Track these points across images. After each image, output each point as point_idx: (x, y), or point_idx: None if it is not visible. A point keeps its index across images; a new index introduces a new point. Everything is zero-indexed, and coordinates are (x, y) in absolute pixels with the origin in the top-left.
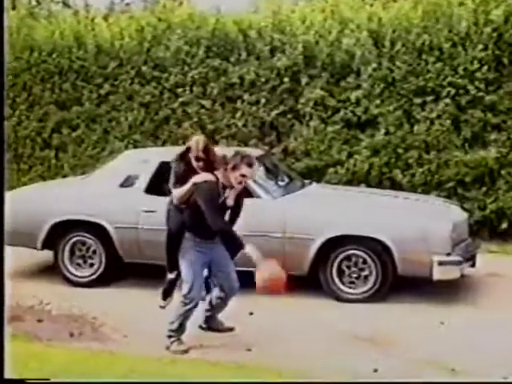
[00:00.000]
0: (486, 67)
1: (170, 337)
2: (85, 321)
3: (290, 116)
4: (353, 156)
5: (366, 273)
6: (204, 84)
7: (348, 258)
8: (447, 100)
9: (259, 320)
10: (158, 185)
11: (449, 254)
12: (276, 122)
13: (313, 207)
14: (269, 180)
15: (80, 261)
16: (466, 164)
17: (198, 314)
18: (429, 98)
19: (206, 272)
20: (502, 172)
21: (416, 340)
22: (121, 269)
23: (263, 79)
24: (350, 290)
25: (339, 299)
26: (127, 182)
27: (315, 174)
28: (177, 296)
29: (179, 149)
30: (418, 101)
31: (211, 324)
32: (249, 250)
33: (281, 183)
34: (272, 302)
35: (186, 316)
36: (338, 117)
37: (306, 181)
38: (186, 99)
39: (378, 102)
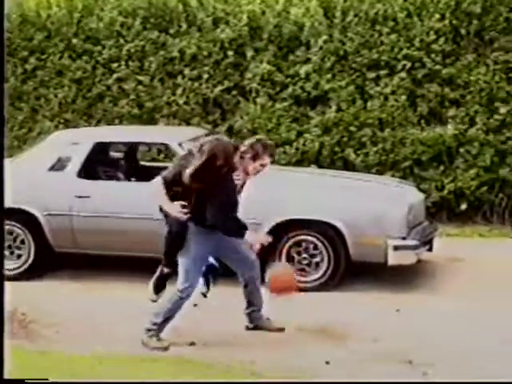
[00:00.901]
0: (442, 39)
1: (150, 330)
2: (13, 317)
3: (234, 92)
4: (302, 135)
5: (317, 259)
6: (141, 58)
7: (298, 243)
8: (402, 74)
9: (202, 312)
10: (91, 168)
11: (404, 238)
12: (220, 98)
13: (259, 190)
14: None
15: (6, 252)
16: (422, 142)
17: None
18: (383, 72)
19: (211, 260)
20: (461, 150)
21: (371, 329)
22: (53, 260)
23: (205, 53)
24: (301, 278)
25: None
26: (58, 166)
27: None
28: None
29: (116, 129)
30: (371, 75)
31: (258, 323)
32: (250, 237)
33: None
34: (214, 292)
35: (176, 310)
36: (286, 93)
37: None
38: (122, 75)
39: (328, 76)
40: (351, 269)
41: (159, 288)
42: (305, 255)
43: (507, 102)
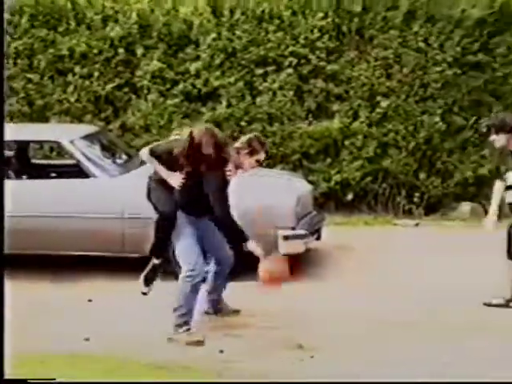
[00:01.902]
0: (326, 36)
1: (179, 326)
2: None
3: (126, 89)
4: None
5: None
6: (30, 56)
7: None
8: (289, 70)
9: (99, 306)
10: None
11: (293, 228)
12: (112, 96)
13: None
14: (105, 158)
15: None
16: (310, 135)
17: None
18: (270, 69)
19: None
20: (346, 143)
21: (263, 317)
22: None
23: (96, 50)
24: None
25: None
26: None
27: None
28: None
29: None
30: (259, 71)
31: (217, 308)
32: (251, 246)
33: (118, 161)
34: (112, 286)
35: (194, 294)
36: (177, 90)
37: None
38: (11, 72)
39: (218, 73)
40: (244, 259)
41: (150, 280)
42: None
43: (388, 97)
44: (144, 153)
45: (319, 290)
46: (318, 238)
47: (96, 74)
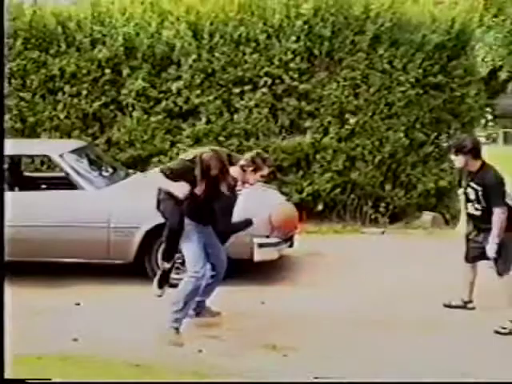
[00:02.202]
0: (298, 58)
1: (176, 320)
2: None
3: (112, 107)
4: (175, 145)
5: None
6: (23, 76)
7: None
8: (264, 89)
9: (86, 310)
10: None
11: (268, 237)
12: (99, 113)
13: (136, 196)
14: (92, 171)
15: None
16: (283, 150)
17: None
18: (247, 88)
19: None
20: (317, 156)
21: (240, 319)
22: None
23: (84, 71)
24: (177, 276)
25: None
26: None
27: (139, 164)
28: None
29: None
30: (236, 90)
31: (201, 311)
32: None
33: (105, 174)
34: (98, 289)
35: (194, 294)
36: (160, 107)
37: (130, 171)
38: (5, 92)
39: (198, 92)
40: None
41: (163, 283)
42: (179, 255)
43: (355, 114)
44: (156, 171)
45: (291, 293)
46: (291, 246)
47: (84, 92)
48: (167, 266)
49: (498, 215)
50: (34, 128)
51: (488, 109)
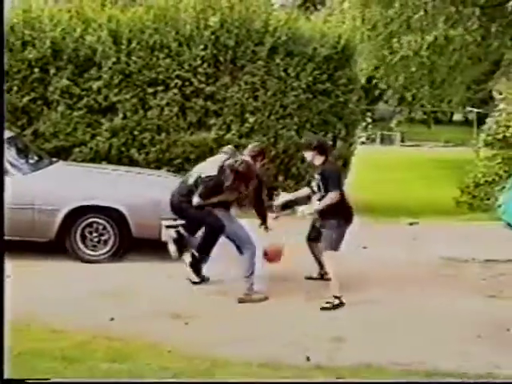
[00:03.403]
0: (206, 64)
1: (252, 285)
2: None
3: (39, 102)
4: (95, 137)
5: (105, 237)
6: None
7: (90, 225)
8: (175, 90)
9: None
10: None
11: (175, 219)
12: (27, 107)
13: (58, 182)
14: (20, 159)
15: None
16: (191, 144)
17: None
18: (160, 88)
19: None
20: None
21: (149, 291)
22: None
23: (15, 69)
24: (93, 253)
25: (83, 261)
26: None
27: (63, 153)
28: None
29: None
30: (150, 90)
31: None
32: None
33: (31, 161)
34: (20, 267)
35: (253, 261)
36: (82, 103)
37: (54, 159)
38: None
39: (116, 91)
40: (134, 244)
41: (198, 271)
42: (95, 234)
43: (254, 114)
44: (196, 201)
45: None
46: None
47: (15, 88)
48: (197, 255)
49: (330, 196)
50: None
51: (369, 113)
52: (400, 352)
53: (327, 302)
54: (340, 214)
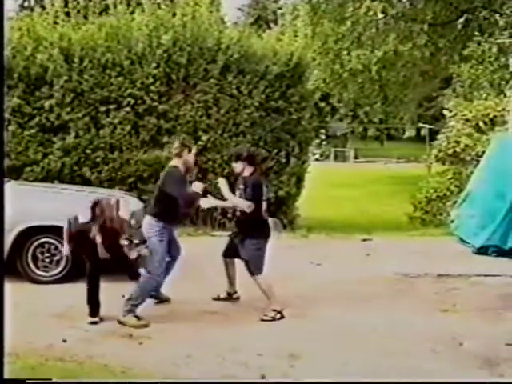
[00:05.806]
0: (158, 82)
1: (130, 311)
2: None
3: None
4: (47, 156)
5: (57, 257)
6: None
7: (41, 245)
8: (127, 108)
9: None
10: None
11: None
12: None
13: (9, 202)
14: None
15: None
16: (144, 162)
17: None
18: (112, 107)
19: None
20: None
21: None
22: None
23: None
24: (44, 273)
25: (34, 282)
26: None
27: (14, 173)
28: None
29: None
30: (103, 109)
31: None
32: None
33: None
34: None
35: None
36: (33, 122)
37: (6, 179)
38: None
39: (68, 109)
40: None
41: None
42: (47, 254)
43: (207, 132)
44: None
45: None
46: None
47: None
48: None
49: (244, 202)
50: None
51: (322, 130)
52: (353, 367)
53: (265, 315)
54: (259, 229)
